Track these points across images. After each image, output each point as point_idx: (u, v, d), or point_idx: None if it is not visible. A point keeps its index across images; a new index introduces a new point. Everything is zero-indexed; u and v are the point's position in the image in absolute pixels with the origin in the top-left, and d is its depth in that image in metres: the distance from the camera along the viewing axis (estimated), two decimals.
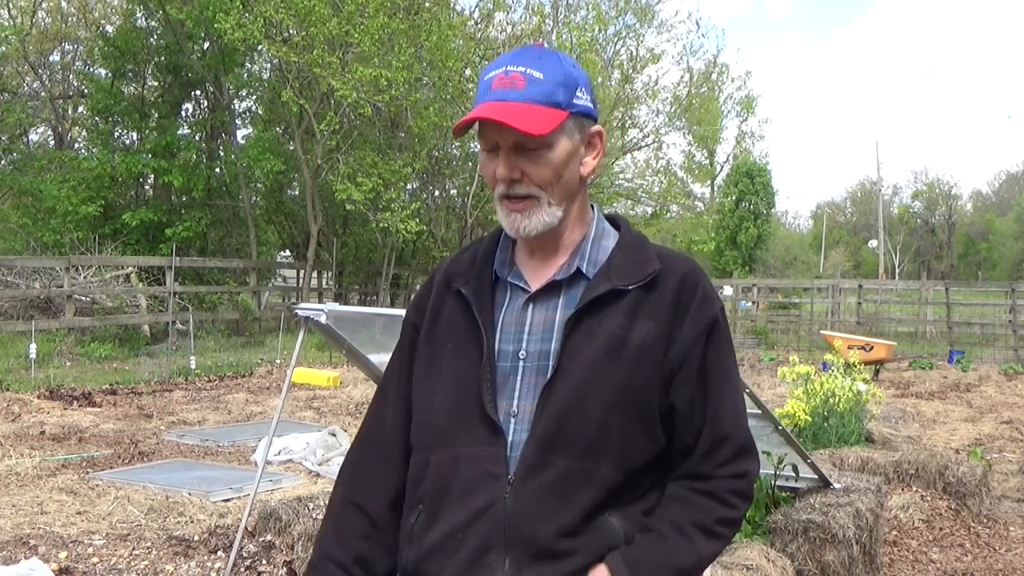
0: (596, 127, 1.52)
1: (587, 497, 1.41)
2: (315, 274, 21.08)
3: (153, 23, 20.73)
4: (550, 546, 1.38)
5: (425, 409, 1.53)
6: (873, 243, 44.47)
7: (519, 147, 1.44)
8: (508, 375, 1.47)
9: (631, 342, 1.44)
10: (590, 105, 1.50)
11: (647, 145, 25.78)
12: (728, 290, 22.79)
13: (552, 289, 1.50)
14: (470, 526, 1.40)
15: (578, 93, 1.47)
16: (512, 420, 1.45)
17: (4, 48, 19.46)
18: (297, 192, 23.28)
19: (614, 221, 1.61)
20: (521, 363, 1.47)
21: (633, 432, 1.44)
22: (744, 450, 1.50)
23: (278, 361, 13.61)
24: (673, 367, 1.46)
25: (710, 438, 1.47)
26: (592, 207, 1.58)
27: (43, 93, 24.30)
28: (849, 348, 12.23)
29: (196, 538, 4.60)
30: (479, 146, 1.50)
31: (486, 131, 1.45)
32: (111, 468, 6.40)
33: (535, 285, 1.51)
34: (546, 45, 1.67)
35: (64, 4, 24.71)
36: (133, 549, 4.39)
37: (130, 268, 16.98)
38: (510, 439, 1.44)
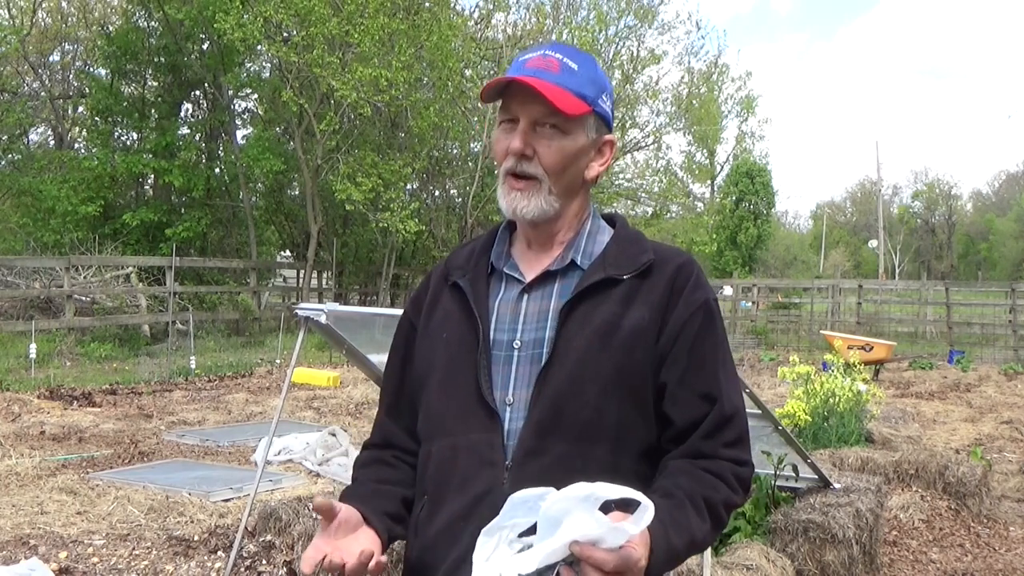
0: (610, 136, 1.55)
1: (584, 481, 1.41)
2: (315, 274, 21.07)
3: (153, 23, 20.73)
4: None
5: (425, 400, 1.54)
6: (873, 243, 44.48)
7: (537, 125, 1.46)
8: (503, 364, 1.48)
9: (624, 327, 1.45)
10: (610, 113, 1.53)
11: (647, 145, 25.79)
12: (728, 290, 22.79)
13: (547, 279, 1.52)
14: (470, 514, 1.41)
15: (603, 97, 1.50)
16: (508, 408, 1.45)
17: (4, 48, 19.45)
18: (297, 192, 23.27)
19: (611, 219, 1.62)
20: (516, 352, 1.48)
21: (628, 415, 1.45)
22: (743, 438, 1.49)
23: (278, 361, 13.61)
24: (665, 349, 1.47)
25: (715, 418, 1.45)
26: (589, 205, 1.60)
27: (43, 93, 24.29)
28: (849, 348, 12.23)
29: (196, 538, 4.60)
30: (497, 119, 1.52)
31: (510, 103, 1.47)
32: (111, 468, 6.40)
33: (530, 276, 1.53)
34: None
35: (64, 4, 24.72)
36: (133, 549, 4.39)
37: (130, 268, 16.98)
38: (506, 427, 1.44)
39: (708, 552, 3.62)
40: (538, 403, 1.43)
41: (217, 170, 21.70)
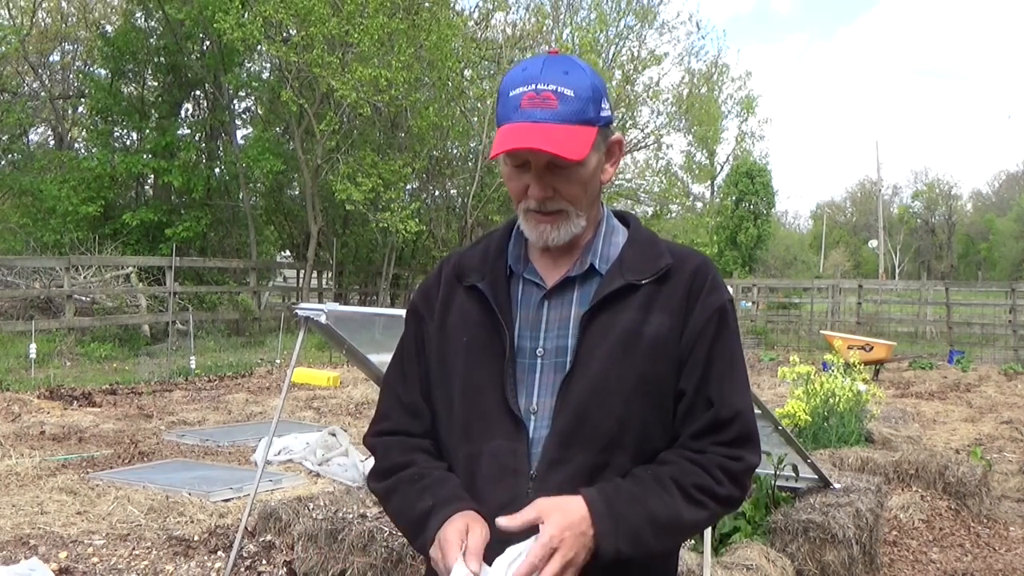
0: (616, 136, 1.53)
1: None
2: (315, 274, 21.07)
3: (152, 23, 20.72)
4: None
5: (444, 402, 1.53)
6: (873, 243, 44.48)
7: (551, 165, 1.43)
8: (527, 372, 1.47)
9: (646, 335, 1.45)
10: (611, 113, 1.50)
11: (647, 146, 25.79)
12: (728, 290, 22.73)
13: (566, 285, 1.51)
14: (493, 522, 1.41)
15: (603, 104, 1.46)
16: (532, 417, 1.45)
17: (4, 48, 19.45)
18: (297, 192, 23.27)
19: (623, 218, 1.61)
20: (539, 360, 1.47)
21: (650, 424, 1.45)
22: (745, 438, 1.48)
23: (278, 361, 13.61)
24: (683, 355, 1.47)
25: (711, 420, 1.46)
26: (602, 205, 1.59)
27: (43, 93, 24.30)
28: (849, 348, 12.23)
29: (196, 538, 4.60)
30: (503, 160, 1.48)
31: (517, 150, 1.43)
32: (111, 468, 6.40)
33: (550, 282, 1.52)
34: (548, 46, 1.66)
35: (64, 4, 24.72)
36: (133, 549, 4.40)
37: (130, 268, 16.97)
38: (531, 435, 1.44)
39: (708, 552, 3.62)
40: (562, 413, 1.43)
41: (217, 170, 21.68)
